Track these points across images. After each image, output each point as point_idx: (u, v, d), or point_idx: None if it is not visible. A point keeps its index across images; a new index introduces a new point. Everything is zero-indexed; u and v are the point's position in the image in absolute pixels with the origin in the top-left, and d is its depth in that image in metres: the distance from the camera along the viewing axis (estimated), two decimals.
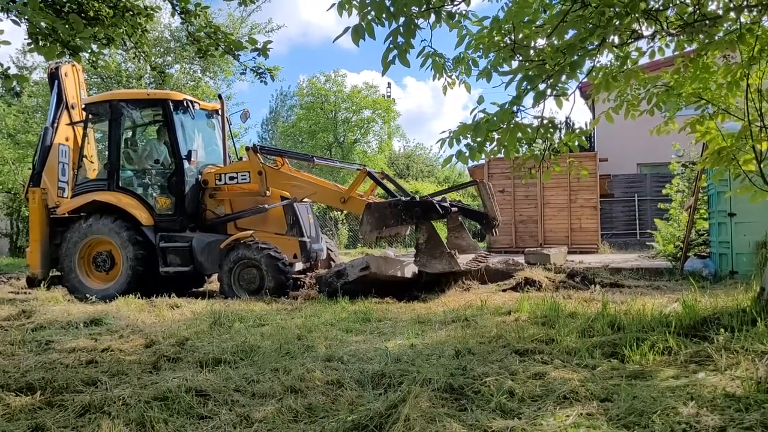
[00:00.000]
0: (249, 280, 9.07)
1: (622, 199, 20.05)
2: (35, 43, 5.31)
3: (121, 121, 9.81)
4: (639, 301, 6.69)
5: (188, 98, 9.93)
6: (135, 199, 9.72)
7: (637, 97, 5.92)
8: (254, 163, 9.64)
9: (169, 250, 9.48)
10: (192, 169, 9.83)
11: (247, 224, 9.66)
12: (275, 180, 9.69)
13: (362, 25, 4.04)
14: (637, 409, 3.16)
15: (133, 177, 9.96)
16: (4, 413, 3.42)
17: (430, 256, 8.33)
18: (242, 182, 9.70)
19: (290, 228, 9.63)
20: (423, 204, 8.62)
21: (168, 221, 9.68)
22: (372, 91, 39.26)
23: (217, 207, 9.90)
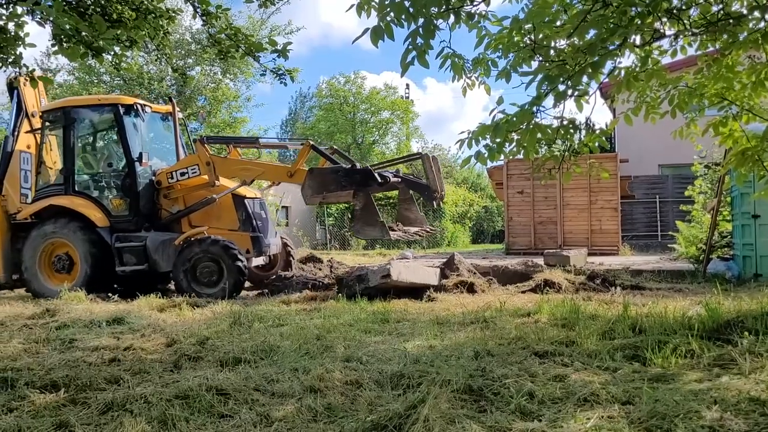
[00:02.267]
0: (207, 274, 9.22)
1: (643, 200, 19.85)
2: (59, 44, 5.39)
3: (74, 127, 10.08)
4: (661, 303, 6.62)
5: (139, 102, 10.17)
6: (90, 201, 9.99)
7: (657, 99, 5.85)
8: (202, 155, 9.74)
9: (125, 249, 9.66)
10: (146, 171, 10.06)
11: (201, 221, 9.88)
12: (224, 168, 9.85)
13: (381, 26, 4.04)
14: (659, 413, 3.13)
15: (89, 180, 10.28)
16: (29, 410, 3.48)
17: (365, 224, 8.52)
18: (193, 176, 9.85)
19: (242, 224, 9.84)
20: (362, 172, 8.76)
21: (123, 222, 9.91)
22: (391, 93, 39.33)
23: (172, 206, 10.12)
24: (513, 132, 4.82)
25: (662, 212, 19.53)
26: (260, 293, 9.95)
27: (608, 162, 16.38)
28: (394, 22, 4.07)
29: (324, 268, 12.72)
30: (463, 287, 9.06)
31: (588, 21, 4.21)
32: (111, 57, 6.58)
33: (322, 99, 40.73)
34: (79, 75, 23.07)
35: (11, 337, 5.70)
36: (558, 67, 4.48)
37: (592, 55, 4.28)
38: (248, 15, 22.85)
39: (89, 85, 22.54)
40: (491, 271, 10.29)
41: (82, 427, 3.16)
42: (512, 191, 18.23)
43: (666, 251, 15.75)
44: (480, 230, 38.17)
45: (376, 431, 3.05)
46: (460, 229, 33.51)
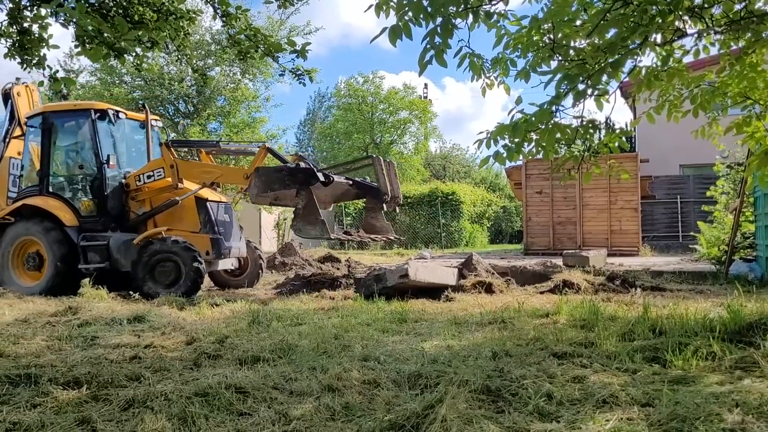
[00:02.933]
0: (165, 274, 9.39)
1: (663, 200, 19.65)
2: (82, 45, 5.47)
3: (51, 131, 10.43)
4: (681, 305, 6.55)
5: (112, 108, 10.53)
6: (62, 202, 10.28)
7: (679, 98, 5.79)
8: (167, 158, 10.00)
9: (89, 248, 9.93)
10: (115, 173, 10.37)
11: (166, 223, 10.09)
12: (187, 171, 10.08)
13: (399, 25, 4.04)
14: (679, 415, 3.10)
15: (62, 182, 10.59)
16: (52, 406, 3.53)
17: (306, 222, 8.56)
18: (158, 178, 10.07)
19: (203, 226, 10.00)
20: (305, 171, 8.81)
21: (91, 222, 10.19)
22: (409, 93, 39.30)
23: (140, 207, 10.35)
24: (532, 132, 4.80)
25: (683, 213, 19.32)
26: (279, 292, 10.00)
27: (628, 162, 16.23)
28: (412, 22, 4.07)
29: (342, 268, 12.77)
30: (481, 287, 9.04)
31: (608, 20, 4.18)
32: (132, 58, 6.66)
33: (341, 99, 40.82)
34: (101, 76, 23.32)
35: (35, 334, 5.79)
36: (577, 66, 4.46)
37: (612, 54, 4.24)
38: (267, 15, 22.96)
39: (111, 85, 22.79)
40: (509, 272, 10.24)
41: (103, 424, 3.20)
42: (531, 191, 18.13)
43: (687, 252, 15.56)
44: (498, 230, 38.02)
45: (394, 430, 3.05)
46: (478, 229, 33.41)
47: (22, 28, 5.55)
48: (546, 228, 17.87)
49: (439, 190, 31.42)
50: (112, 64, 21.41)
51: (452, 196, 31.02)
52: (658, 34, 4.66)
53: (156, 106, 23.35)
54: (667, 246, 18.19)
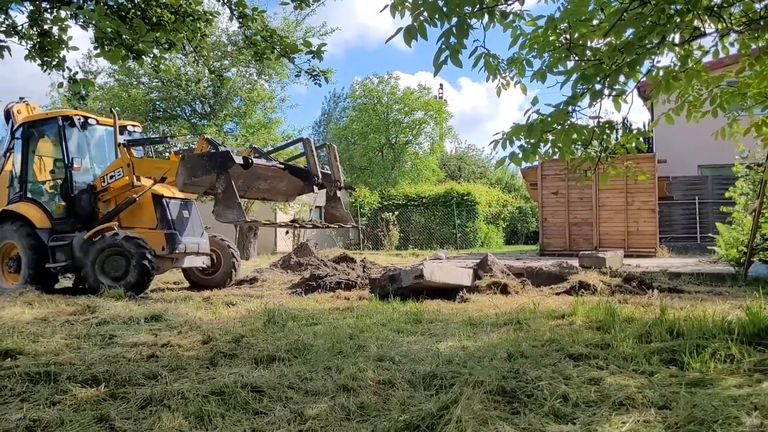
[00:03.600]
0: (114, 268, 9.65)
1: (681, 201, 19.45)
2: (101, 47, 5.54)
3: (29, 140, 11.00)
4: (699, 306, 6.49)
5: (81, 114, 10.96)
6: (36, 206, 10.79)
7: (699, 98, 5.73)
8: (124, 158, 10.33)
9: (56, 248, 10.35)
10: (86, 176, 10.76)
11: (128, 221, 10.42)
12: (143, 168, 10.31)
13: (414, 25, 4.05)
14: (697, 418, 3.07)
15: (38, 187, 11.10)
16: (71, 404, 3.57)
17: (225, 206, 8.51)
18: (118, 178, 10.36)
19: (159, 221, 10.26)
20: (223, 154, 8.77)
21: (62, 224, 10.61)
22: (424, 93, 39.24)
23: (107, 207, 10.61)
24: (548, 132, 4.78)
25: (701, 214, 19.11)
26: (294, 292, 10.04)
27: (646, 163, 16.09)
28: (427, 22, 4.07)
29: (357, 268, 12.79)
30: (496, 288, 9.02)
31: (625, 19, 4.15)
32: (150, 59, 6.72)
33: (356, 99, 40.85)
34: (119, 77, 23.55)
35: (54, 333, 5.86)
36: (594, 66, 4.43)
37: (630, 54, 4.22)
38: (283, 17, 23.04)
39: (128, 87, 23.00)
40: (525, 273, 10.20)
41: (121, 421, 3.24)
42: (547, 192, 18.04)
43: (705, 254, 15.39)
44: (514, 231, 37.86)
45: (409, 431, 3.05)
46: (493, 230, 33.30)
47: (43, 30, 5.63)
48: (562, 229, 17.78)
49: (454, 191, 31.36)
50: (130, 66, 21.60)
51: (467, 196, 30.95)
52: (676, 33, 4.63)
53: (173, 106, 23.55)
54: (685, 247, 18.00)
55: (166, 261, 10.35)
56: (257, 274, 12.52)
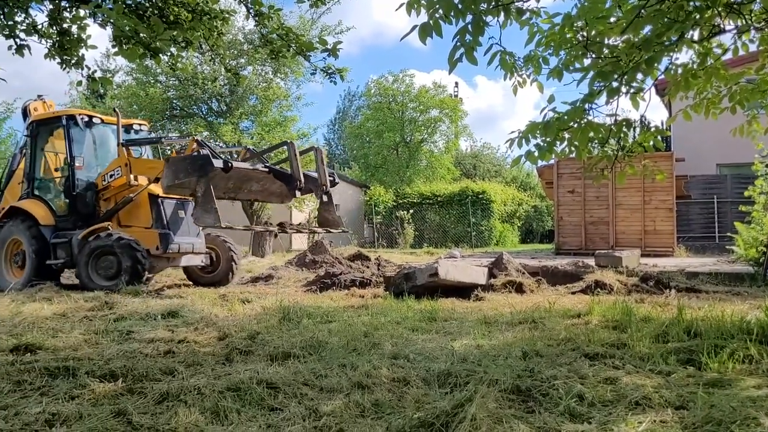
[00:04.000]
0: (106, 267, 9.77)
1: (699, 200, 19.24)
2: (119, 45, 5.59)
3: (37, 138, 11.23)
4: (718, 306, 6.42)
5: (85, 113, 11.15)
6: (42, 203, 11.00)
7: (717, 96, 5.67)
8: (122, 157, 10.47)
9: (57, 245, 10.52)
10: (88, 175, 10.89)
11: (126, 220, 10.56)
12: (139, 168, 10.45)
13: (429, 23, 4.03)
14: (714, 419, 3.04)
15: (44, 184, 11.32)
16: (90, 398, 3.61)
17: (203, 210, 8.48)
18: (118, 177, 10.48)
19: (154, 221, 10.36)
20: (203, 158, 8.73)
21: (65, 221, 10.78)
22: (439, 91, 39.17)
23: (108, 206, 10.72)
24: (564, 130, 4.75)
25: (720, 213, 18.89)
26: (309, 289, 10.07)
27: (663, 161, 15.95)
28: (442, 19, 4.06)
29: (371, 266, 12.79)
30: (511, 287, 8.98)
31: (643, 16, 4.12)
32: (167, 58, 6.78)
33: (371, 98, 40.86)
34: (137, 76, 23.73)
35: (72, 328, 5.93)
36: (611, 63, 4.40)
37: (648, 51, 4.18)
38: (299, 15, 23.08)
39: (146, 85, 23.18)
40: (540, 271, 10.15)
41: (138, 416, 3.27)
42: (563, 190, 17.94)
43: (724, 253, 15.22)
44: (529, 230, 37.71)
45: (423, 428, 3.05)
46: (508, 229, 33.18)
47: (62, 29, 5.69)
48: (578, 228, 17.67)
49: (469, 189, 31.28)
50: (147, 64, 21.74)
51: (483, 195, 30.86)
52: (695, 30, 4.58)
53: (190, 105, 23.69)
54: (703, 247, 17.82)
55: (161, 260, 10.44)
56: (272, 271, 12.57)
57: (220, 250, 11.41)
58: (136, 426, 3.14)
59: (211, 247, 11.34)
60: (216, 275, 11.41)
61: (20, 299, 8.25)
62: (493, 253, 16.47)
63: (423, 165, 39.31)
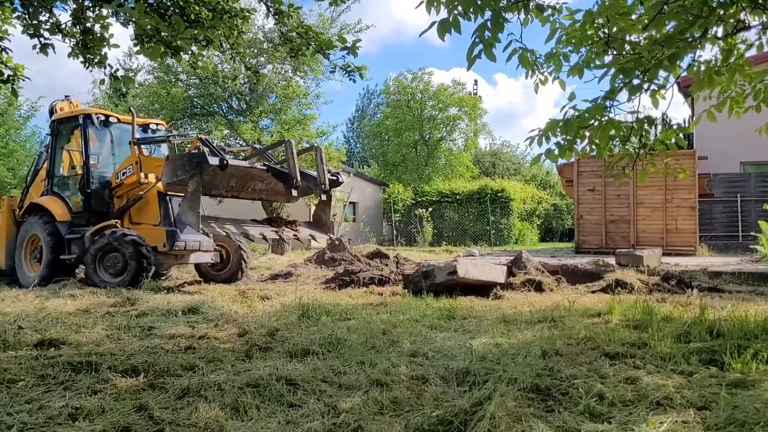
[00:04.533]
0: (112, 265, 9.88)
1: (723, 199, 18.96)
2: (141, 44, 5.65)
3: (57, 137, 11.54)
4: (741, 306, 6.34)
5: (102, 112, 11.37)
6: (59, 199, 11.23)
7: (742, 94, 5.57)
8: (134, 156, 10.66)
9: (71, 240, 10.75)
10: (104, 173, 11.10)
11: (137, 217, 10.70)
12: (149, 166, 10.64)
13: (448, 19, 4.01)
14: (737, 419, 3.00)
15: (62, 181, 11.55)
16: (112, 393, 3.66)
17: (188, 208, 8.43)
18: (129, 175, 10.68)
19: (162, 218, 10.46)
20: (198, 155, 8.65)
21: (79, 218, 11.02)
22: (458, 89, 39.04)
23: (121, 203, 10.85)
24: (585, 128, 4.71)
25: (743, 212, 18.60)
26: (328, 287, 10.11)
27: (686, 159, 15.75)
28: (461, 15, 4.04)
29: (390, 264, 12.81)
30: (530, 286, 8.94)
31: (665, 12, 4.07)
32: (188, 56, 6.83)
33: (390, 96, 40.84)
34: (158, 74, 23.98)
35: (95, 324, 6.01)
36: (633, 60, 4.35)
37: (670, 48, 4.13)
38: (319, 14, 23.17)
39: (167, 84, 23.40)
40: (560, 270, 10.08)
41: (160, 411, 3.30)
42: (583, 189, 17.79)
43: (747, 252, 15.01)
44: (548, 228, 37.46)
45: (442, 426, 3.05)
46: (528, 227, 32.99)
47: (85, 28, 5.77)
48: (598, 226, 17.52)
49: (488, 188, 31.16)
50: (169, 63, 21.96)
51: (502, 193, 30.71)
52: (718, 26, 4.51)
53: (210, 103, 23.88)
54: (726, 246, 17.57)
55: (169, 257, 10.56)
56: (292, 269, 12.63)
57: (229, 247, 11.49)
58: (157, 420, 3.18)
59: (220, 244, 11.40)
60: (225, 272, 11.50)
61: (44, 295, 8.38)
62: (512, 252, 16.40)
63: (442, 163, 39.23)
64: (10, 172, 26.81)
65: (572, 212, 23.31)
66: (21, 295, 8.43)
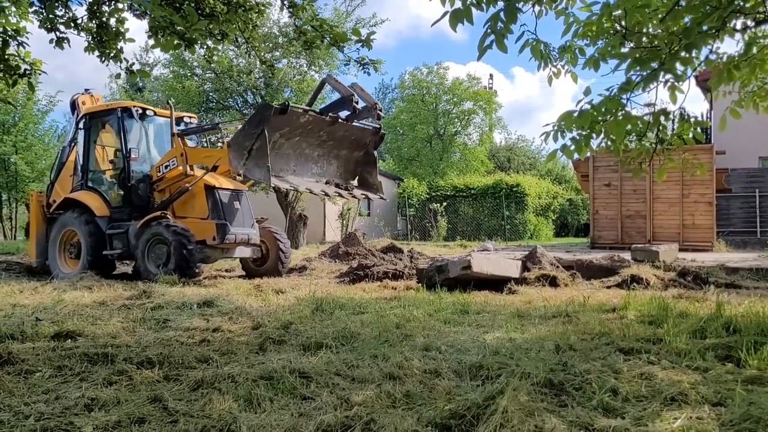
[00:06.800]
0: (158, 256, 9.94)
1: (741, 194, 18.74)
2: (154, 36, 5.68)
3: (90, 130, 11.42)
4: (758, 303, 6.26)
5: (139, 106, 11.28)
6: (96, 194, 11.21)
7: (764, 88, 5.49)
8: (177, 147, 10.54)
9: (113, 236, 10.70)
10: (142, 167, 11.04)
11: (182, 211, 10.59)
12: (195, 157, 10.58)
13: (460, 9, 3.98)
14: (753, 416, 2.97)
15: (97, 176, 11.51)
16: (127, 384, 3.70)
17: (254, 164, 8.35)
18: (173, 168, 10.55)
19: (211, 212, 10.32)
20: (260, 107, 8.67)
21: (119, 212, 10.98)
22: (474, 83, 38.87)
23: (162, 197, 10.77)
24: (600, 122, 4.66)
25: (762, 207, 18.38)
26: (342, 281, 10.13)
27: (703, 154, 15.58)
28: (474, 5, 4.00)
29: (404, 258, 12.80)
30: (545, 281, 8.89)
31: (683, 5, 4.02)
32: (204, 51, 6.86)
33: (405, 90, 40.76)
34: (174, 69, 24.09)
35: (111, 316, 6.07)
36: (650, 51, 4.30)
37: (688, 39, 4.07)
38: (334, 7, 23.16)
39: (183, 78, 23.51)
40: (575, 265, 10.02)
41: (174, 402, 3.33)
42: (598, 183, 17.67)
43: (765, 248, 14.84)
44: (564, 223, 37.27)
45: (454, 420, 3.05)
46: (543, 222, 32.83)
47: (101, 23, 5.81)
48: (614, 221, 17.40)
49: (503, 182, 31.05)
50: (185, 57, 22.04)
51: (517, 188, 30.59)
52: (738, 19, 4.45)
53: (225, 97, 23.96)
54: (744, 242, 17.37)
55: (216, 251, 10.47)
56: (306, 262, 12.68)
57: (268, 241, 11.40)
58: (171, 412, 3.21)
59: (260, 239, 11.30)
60: (267, 266, 11.41)
61: (62, 287, 8.48)
62: (526, 247, 16.33)
63: (456, 157, 39.14)
64: (29, 166, 27.12)
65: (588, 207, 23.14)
66: (39, 288, 8.53)
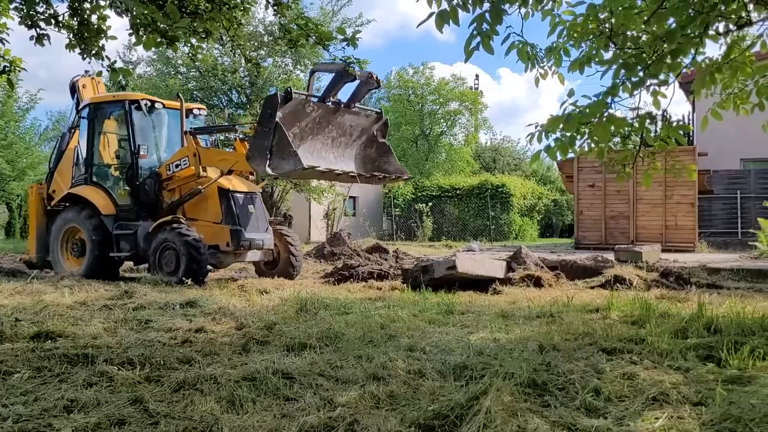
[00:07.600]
0: (168, 262, 9.48)
1: (722, 195, 18.94)
2: (136, 33, 5.61)
3: (95, 122, 10.75)
4: (739, 303, 6.32)
5: (148, 98, 10.64)
6: (101, 190, 10.54)
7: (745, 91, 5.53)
8: (190, 147, 9.98)
9: (121, 236, 10.16)
10: (149, 163, 10.46)
11: (193, 213, 10.12)
12: (209, 158, 10.00)
13: (446, 10, 3.98)
14: (733, 416, 3.00)
15: (103, 171, 10.83)
16: (108, 385, 3.66)
17: (280, 158, 7.93)
18: (184, 167, 10.02)
19: (225, 216, 9.87)
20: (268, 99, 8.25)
21: (126, 211, 10.40)
22: (459, 84, 38.94)
23: (171, 196, 10.30)
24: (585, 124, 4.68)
25: (743, 208, 18.59)
26: (326, 281, 10.10)
27: (686, 156, 15.72)
28: (460, 7, 4.00)
29: (389, 259, 12.81)
30: (529, 281, 8.93)
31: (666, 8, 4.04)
32: (188, 49, 6.79)
33: (390, 90, 40.74)
34: (158, 66, 23.90)
35: (92, 317, 6.00)
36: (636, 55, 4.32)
37: (671, 42, 4.09)
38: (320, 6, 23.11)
39: (167, 76, 23.33)
40: (559, 266, 10.08)
41: (155, 404, 3.30)
42: (583, 184, 17.79)
43: (746, 249, 15.00)
44: (548, 224, 37.45)
45: (438, 420, 3.05)
46: (528, 223, 32.96)
47: (82, 20, 5.73)
48: (598, 222, 17.52)
49: (488, 183, 31.12)
50: (168, 55, 21.86)
51: (502, 188, 30.68)
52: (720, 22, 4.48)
53: (210, 96, 23.81)
54: (725, 243, 17.56)
55: (229, 256, 10.02)
56: None
57: (279, 245, 10.77)
58: (152, 413, 3.18)
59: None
60: (277, 271, 10.73)
61: (42, 288, 8.36)
62: (511, 247, 16.39)
63: (442, 158, 39.16)
64: (9, 164, 26.77)
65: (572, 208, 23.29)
66: (19, 288, 8.42)
